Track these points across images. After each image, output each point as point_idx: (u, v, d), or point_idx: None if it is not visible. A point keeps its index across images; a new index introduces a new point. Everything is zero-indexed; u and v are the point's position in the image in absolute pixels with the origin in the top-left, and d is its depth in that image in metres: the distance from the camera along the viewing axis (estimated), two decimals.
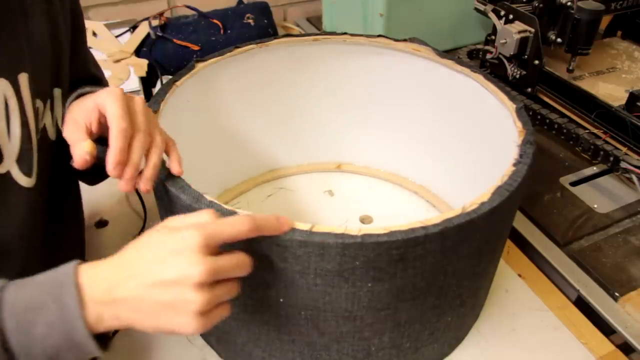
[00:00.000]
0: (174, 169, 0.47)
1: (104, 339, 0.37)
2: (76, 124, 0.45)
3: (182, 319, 0.35)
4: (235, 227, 0.37)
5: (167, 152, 0.48)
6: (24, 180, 0.45)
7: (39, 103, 0.47)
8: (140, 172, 0.45)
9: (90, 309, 0.35)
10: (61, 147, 0.50)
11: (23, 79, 0.45)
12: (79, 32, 0.56)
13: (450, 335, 0.57)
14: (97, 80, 0.62)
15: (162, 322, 0.35)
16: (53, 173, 0.51)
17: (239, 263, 0.38)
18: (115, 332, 0.38)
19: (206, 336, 0.60)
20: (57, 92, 0.51)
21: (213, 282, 0.36)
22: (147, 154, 0.45)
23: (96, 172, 0.53)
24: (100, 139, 0.46)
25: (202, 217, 0.38)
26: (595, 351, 0.60)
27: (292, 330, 0.49)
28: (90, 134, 0.45)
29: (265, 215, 0.40)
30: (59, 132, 0.51)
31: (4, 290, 0.35)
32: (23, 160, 0.45)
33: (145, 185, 0.44)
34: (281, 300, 0.47)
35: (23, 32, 0.45)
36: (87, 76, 0.60)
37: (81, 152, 0.43)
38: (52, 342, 0.34)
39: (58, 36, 0.50)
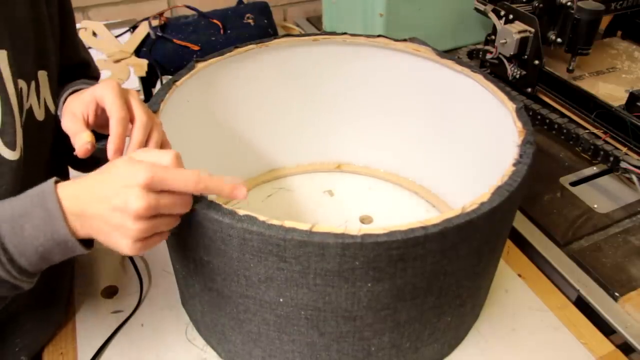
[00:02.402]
0: None
1: (87, 241, 0.43)
2: (74, 115, 0.48)
3: (122, 241, 0.40)
4: (183, 180, 0.41)
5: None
6: (7, 153, 0.47)
7: (22, 83, 0.49)
8: None
9: (68, 217, 0.41)
10: (51, 128, 0.54)
11: (2, 56, 0.47)
12: (66, 17, 0.58)
13: (450, 335, 0.57)
14: (87, 64, 0.64)
15: (112, 241, 0.41)
16: (42, 152, 0.53)
17: (178, 202, 0.42)
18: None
19: (206, 336, 0.60)
20: (42, 74, 0.52)
21: (152, 215, 0.40)
22: (149, 134, 0.48)
23: (92, 163, 0.55)
24: (97, 135, 0.48)
25: (164, 158, 0.42)
26: (595, 351, 0.60)
27: (292, 330, 0.49)
28: (87, 126, 0.47)
29: (219, 177, 0.43)
30: (47, 114, 0.53)
31: None
32: (6, 134, 0.47)
33: None
34: (281, 299, 0.47)
35: (2, 15, 0.47)
36: (77, 60, 0.62)
37: (82, 142, 0.46)
38: (41, 242, 0.41)
39: (40, 19, 0.52)
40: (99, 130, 0.50)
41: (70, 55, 0.60)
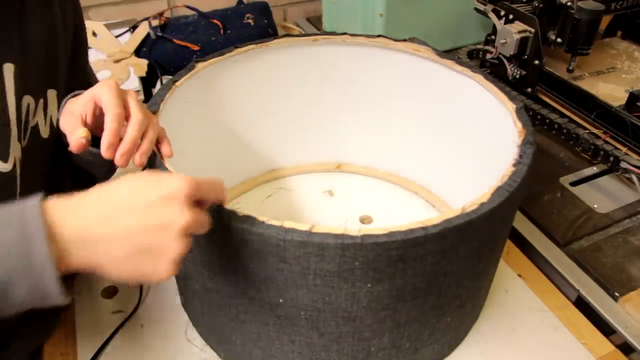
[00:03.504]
0: (164, 150, 0.50)
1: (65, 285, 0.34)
2: (72, 115, 0.48)
3: (159, 265, 0.35)
4: (214, 189, 0.40)
5: (158, 139, 0.50)
6: None
7: (29, 99, 0.49)
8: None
9: (57, 242, 0.33)
10: (55, 147, 0.53)
11: (8, 69, 0.47)
12: (80, 46, 0.59)
13: (450, 336, 0.57)
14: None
15: (138, 267, 0.35)
16: (44, 170, 0.53)
17: (206, 221, 0.39)
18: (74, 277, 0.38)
19: (206, 336, 0.60)
20: (52, 93, 0.53)
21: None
22: (144, 132, 0.47)
23: (93, 180, 0.55)
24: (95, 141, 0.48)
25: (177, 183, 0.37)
26: (595, 351, 0.60)
27: (292, 330, 0.49)
28: (85, 125, 0.47)
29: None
30: (52, 130, 0.53)
31: None
32: None
33: (140, 158, 0.46)
34: (281, 300, 0.47)
35: (16, 29, 0.48)
36: (85, 87, 0.61)
37: (77, 136, 0.45)
38: (7, 264, 0.32)
39: (56, 43, 0.53)
40: (98, 132, 0.49)
41: (80, 81, 0.60)
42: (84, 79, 0.62)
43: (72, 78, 0.57)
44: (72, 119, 0.47)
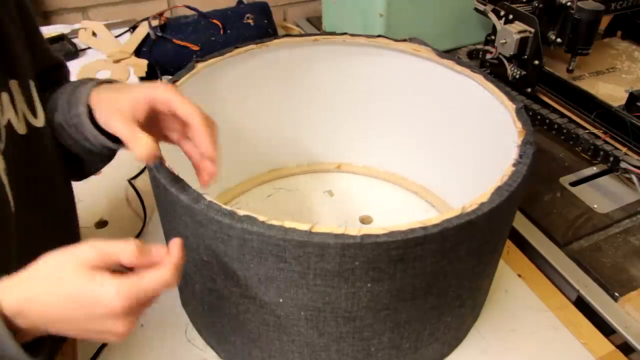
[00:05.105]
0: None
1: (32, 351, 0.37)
2: (124, 116, 0.45)
3: (110, 336, 0.38)
4: (157, 284, 0.39)
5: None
6: None
7: None
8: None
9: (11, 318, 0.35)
10: (39, 143, 0.50)
11: None
12: (27, 20, 0.53)
13: (450, 336, 0.57)
14: (60, 65, 0.60)
15: (89, 337, 0.38)
16: (32, 167, 0.50)
17: (159, 289, 0.39)
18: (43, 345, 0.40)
19: (206, 336, 0.60)
20: (14, 84, 0.49)
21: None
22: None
23: (89, 170, 0.53)
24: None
25: (125, 250, 0.38)
26: (595, 351, 0.60)
27: (292, 330, 0.49)
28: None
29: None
30: (29, 127, 0.49)
31: None
32: None
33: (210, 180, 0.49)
34: (281, 300, 0.47)
35: None
36: (50, 62, 0.58)
37: (148, 148, 0.44)
38: None
39: (2, 29, 0.48)
40: (147, 131, 0.47)
41: (42, 59, 0.55)
42: (47, 57, 0.57)
43: (35, 59, 0.52)
44: (127, 122, 0.45)
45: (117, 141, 0.48)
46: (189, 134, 0.49)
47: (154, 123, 0.49)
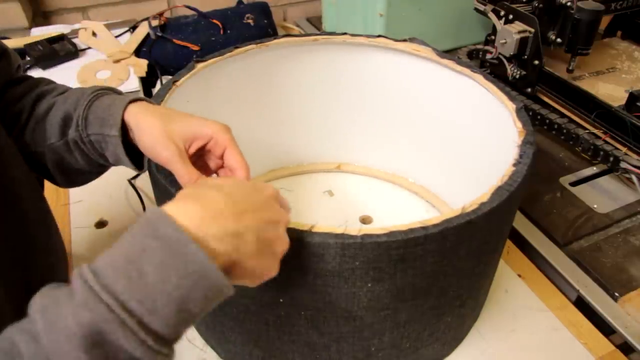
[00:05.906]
0: None
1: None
2: (179, 150, 0.44)
3: (274, 260, 0.38)
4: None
5: None
6: None
7: None
8: None
9: (204, 239, 0.32)
10: (9, 151, 0.44)
11: None
12: None
13: (450, 336, 0.57)
14: (3, 52, 0.50)
15: (262, 262, 0.37)
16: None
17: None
18: None
19: (206, 336, 0.60)
20: None
21: None
22: None
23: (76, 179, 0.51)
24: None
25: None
26: (595, 351, 0.60)
27: (292, 330, 0.49)
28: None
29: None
30: None
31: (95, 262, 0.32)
32: None
33: None
34: (281, 300, 0.47)
35: None
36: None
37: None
38: (173, 284, 0.30)
39: None
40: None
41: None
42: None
43: None
44: (183, 156, 0.44)
45: (139, 165, 0.47)
46: (224, 173, 0.48)
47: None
